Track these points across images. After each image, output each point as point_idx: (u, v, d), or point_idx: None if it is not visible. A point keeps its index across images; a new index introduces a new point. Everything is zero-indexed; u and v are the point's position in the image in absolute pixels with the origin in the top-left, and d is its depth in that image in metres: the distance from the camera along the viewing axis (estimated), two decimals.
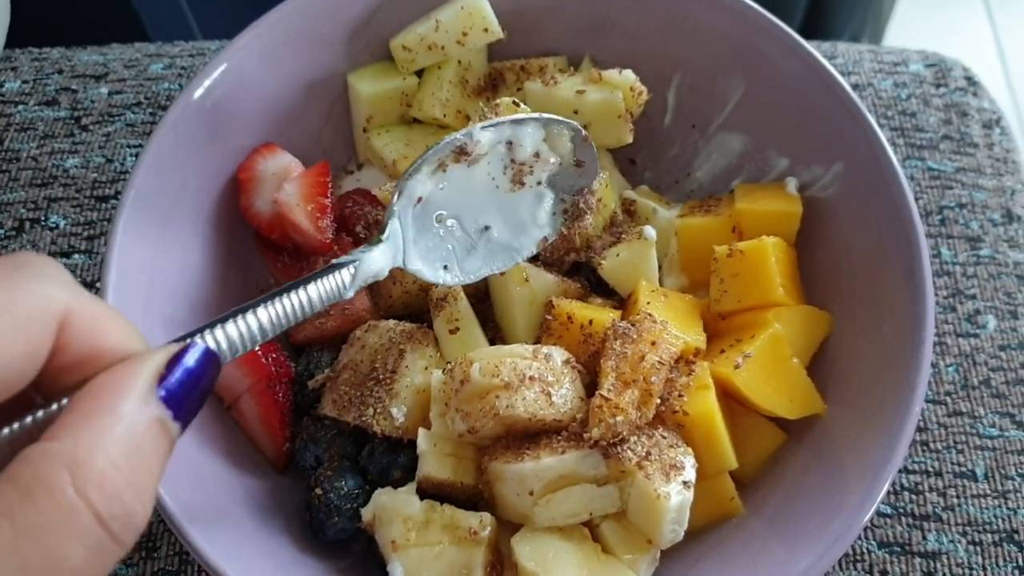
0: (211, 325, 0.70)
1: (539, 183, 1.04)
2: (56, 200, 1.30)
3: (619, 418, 0.94)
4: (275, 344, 1.07)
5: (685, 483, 0.94)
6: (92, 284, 1.25)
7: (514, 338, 1.08)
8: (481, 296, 1.12)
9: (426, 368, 1.04)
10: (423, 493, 0.99)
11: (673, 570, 1.01)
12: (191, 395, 0.64)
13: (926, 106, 1.43)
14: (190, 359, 0.64)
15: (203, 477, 0.99)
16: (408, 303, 1.11)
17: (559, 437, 0.97)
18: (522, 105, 1.10)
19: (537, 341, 1.07)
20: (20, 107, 1.37)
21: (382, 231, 0.93)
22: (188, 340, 0.67)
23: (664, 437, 0.97)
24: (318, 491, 1.01)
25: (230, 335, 0.71)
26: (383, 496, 0.98)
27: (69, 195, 1.31)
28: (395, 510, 0.97)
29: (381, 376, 1.02)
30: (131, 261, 1.00)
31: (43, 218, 1.29)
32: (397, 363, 1.02)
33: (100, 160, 1.33)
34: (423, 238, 0.97)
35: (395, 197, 0.95)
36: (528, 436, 0.99)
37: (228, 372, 1.04)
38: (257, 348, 0.87)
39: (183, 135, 1.06)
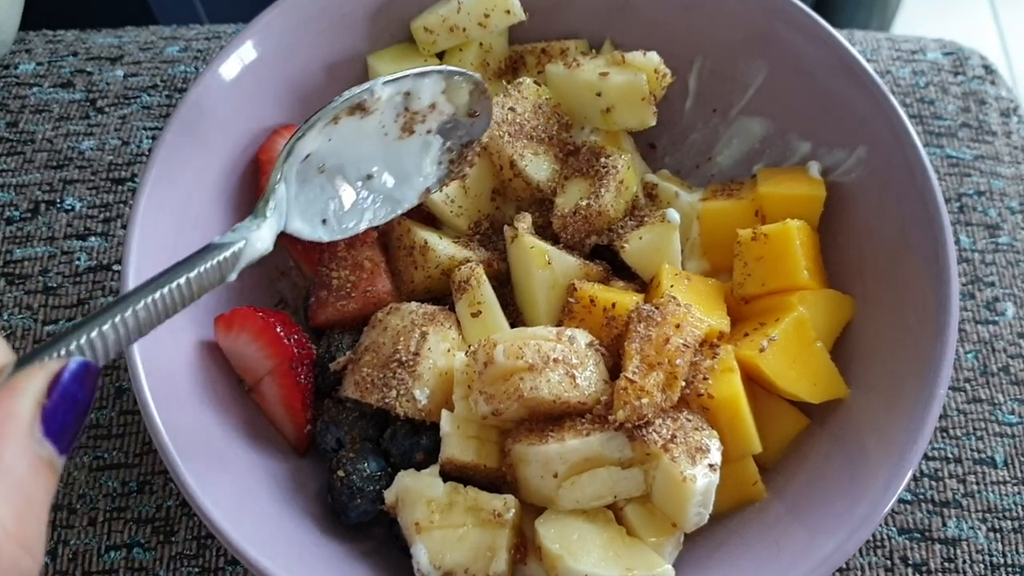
0: (83, 326, 0.65)
1: (428, 131, 1.00)
2: (72, 182, 1.30)
3: (644, 400, 0.94)
4: (297, 326, 1.06)
5: (711, 466, 0.94)
6: (108, 266, 1.24)
7: (535, 321, 1.08)
8: (503, 279, 1.12)
9: (449, 350, 1.03)
10: (446, 475, 0.99)
11: (695, 553, 1.00)
12: (74, 421, 0.59)
13: (944, 94, 1.43)
14: (69, 379, 0.59)
15: (225, 459, 0.98)
16: (430, 287, 1.10)
17: (583, 419, 0.97)
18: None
19: (558, 324, 1.07)
20: (35, 89, 1.37)
21: (266, 201, 0.89)
22: (61, 352, 0.62)
23: (689, 420, 0.97)
24: (340, 473, 1.00)
25: (107, 338, 0.66)
26: (406, 478, 0.98)
27: (85, 177, 1.30)
28: (418, 492, 0.97)
29: (404, 358, 1.01)
30: (152, 242, 1.00)
31: (59, 200, 1.28)
32: (420, 345, 1.02)
33: (116, 142, 1.33)
34: (303, 192, 0.92)
35: (282, 159, 0.90)
36: (552, 418, 0.98)
37: (250, 354, 1.03)
38: (275, 327, 0.84)
39: (205, 113, 1.06)
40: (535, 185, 1.12)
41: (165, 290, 0.74)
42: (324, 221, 0.95)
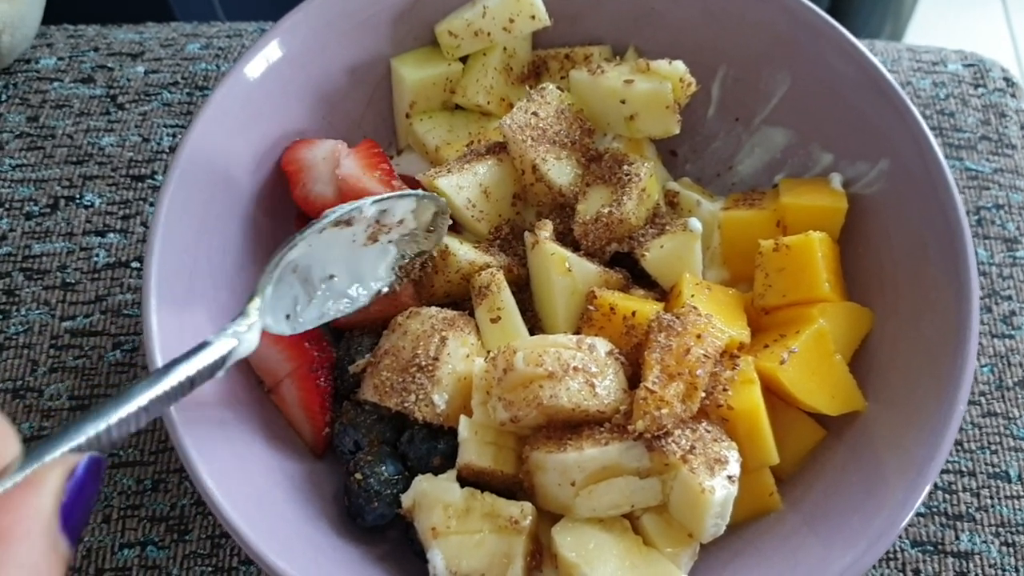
0: (91, 421, 0.70)
1: (389, 241, 1.06)
2: (91, 178, 1.30)
3: (664, 411, 0.94)
4: (317, 329, 1.06)
5: (729, 477, 0.94)
6: (127, 263, 1.24)
7: (554, 328, 1.08)
8: (522, 285, 1.12)
9: (468, 356, 1.03)
10: (463, 481, 0.99)
11: (710, 563, 1.00)
12: (85, 515, 0.62)
13: (964, 106, 1.43)
14: (84, 475, 0.62)
15: (243, 460, 0.99)
16: (450, 292, 1.10)
17: (602, 428, 0.97)
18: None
19: (577, 331, 1.07)
20: (56, 84, 1.37)
21: (255, 304, 0.93)
22: (72, 447, 0.66)
23: (708, 431, 0.97)
24: (358, 476, 1.00)
25: (112, 434, 0.72)
26: (424, 483, 0.98)
27: (105, 173, 1.30)
28: (435, 497, 0.97)
29: (423, 363, 1.01)
30: (175, 241, 1.00)
31: (78, 196, 1.28)
32: (439, 350, 1.02)
33: (136, 139, 1.33)
34: (276, 290, 0.97)
35: (273, 266, 0.95)
36: (570, 426, 0.98)
37: (270, 356, 1.04)
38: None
39: (229, 112, 1.06)
40: (557, 189, 1.12)
41: (167, 388, 0.80)
42: (288, 316, 0.99)
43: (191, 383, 0.83)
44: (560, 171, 1.12)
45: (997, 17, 3.44)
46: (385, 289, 1.08)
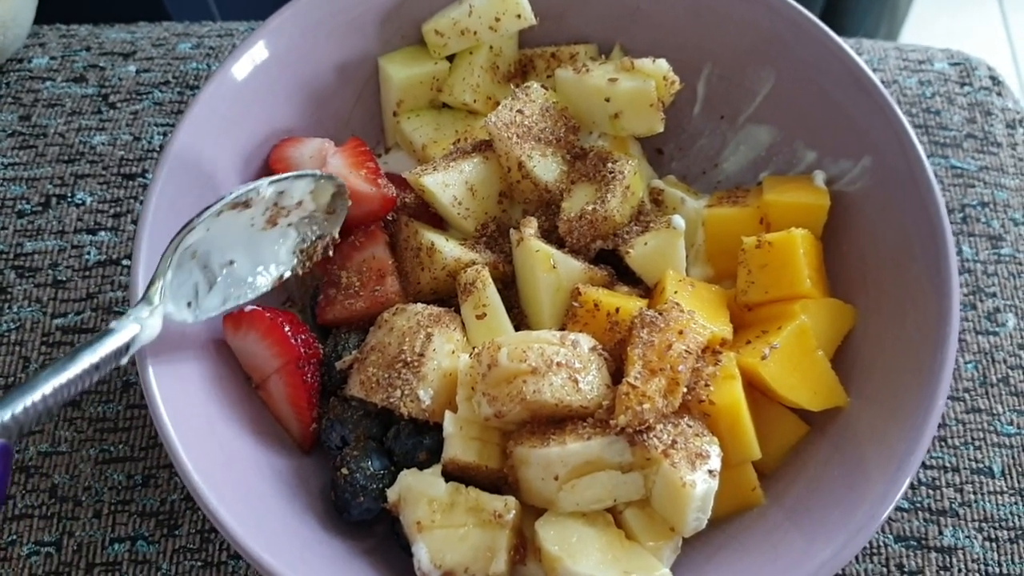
0: None
1: (289, 224, 1.07)
2: (83, 177, 1.31)
3: (646, 406, 0.94)
4: (304, 325, 1.07)
5: (710, 472, 0.95)
6: (118, 261, 1.25)
7: (539, 324, 1.09)
8: (508, 281, 1.13)
9: (453, 352, 1.04)
10: (448, 476, 1.00)
11: (694, 557, 1.01)
12: None
13: (950, 104, 1.43)
14: None
15: (230, 455, 1.00)
16: (436, 288, 1.11)
17: (585, 423, 0.98)
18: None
19: (562, 328, 1.08)
20: (48, 83, 1.38)
21: (156, 288, 0.94)
22: None
23: (690, 426, 0.98)
24: (344, 471, 1.01)
25: (19, 421, 0.74)
26: (409, 477, 0.99)
27: (96, 172, 1.31)
28: (420, 491, 0.98)
29: (409, 359, 1.02)
30: (163, 239, 1.00)
31: (70, 194, 1.29)
32: (425, 346, 1.03)
33: (128, 138, 1.34)
34: (176, 276, 0.97)
35: (172, 250, 0.95)
36: (554, 421, 0.99)
37: (258, 352, 1.04)
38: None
39: (217, 112, 1.07)
40: (543, 186, 1.12)
41: (71, 375, 0.83)
42: (189, 304, 1.00)
43: (96, 369, 0.85)
44: (545, 168, 1.13)
45: (993, 17, 3.44)
46: (287, 273, 1.08)
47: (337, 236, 1.10)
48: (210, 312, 1.02)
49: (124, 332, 0.89)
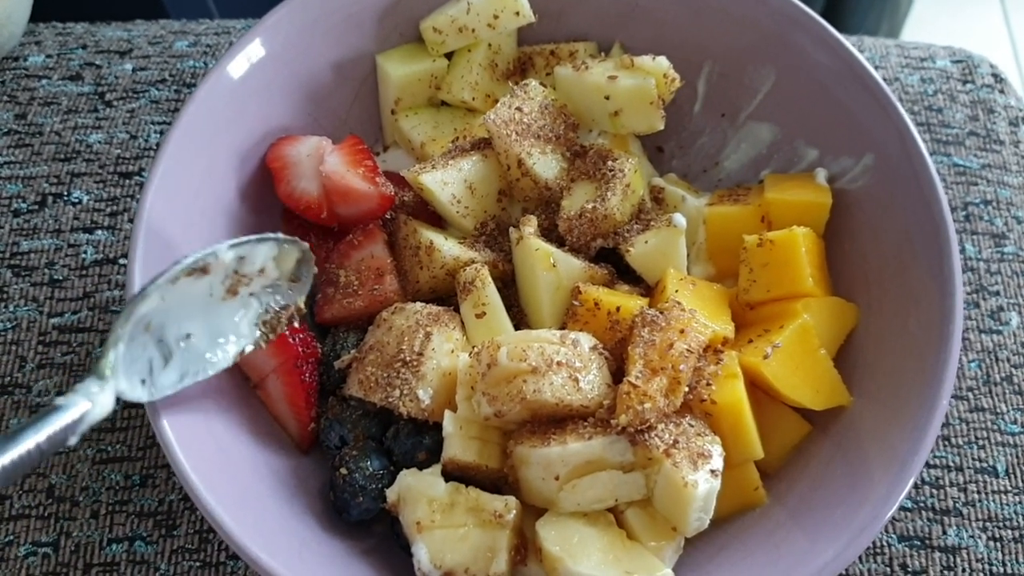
0: None
1: (251, 294, 1.00)
2: (79, 175, 1.30)
3: (647, 405, 0.94)
4: (303, 324, 1.07)
5: (712, 471, 0.94)
6: (115, 260, 1.24)
7: (539, 323, 1.08)
8: (508, 280, 1.12)
9: (452, 351, 1.04)
10: (448, 475, 0.99)
11: (696, 557, 1.01)
12: None
13: (952, 102, 1.43)
14: None
15: (229, 456, 0.99)
16: (435, 287, 1.11)
17: (586, 423, 0.97)
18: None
19: (562, 327, 1.07)
20: (44, 81, 1.37)
21: (107, 362, 0.88)
22: None
23: (692, 425, 0.97)
24: (343, 471, 1.01)
25: None
26: (408, 477, 0.99)
27: (92, 170, 1.30)
28: (420, 491, 0.97)
29: (408, 358, 1.02)
30: (159, 237, 1.00)
31: (66, 193, 1.29)
32: (424, 345, 1.02)
33: (124, 136, 1.33)
34: (129, 350, 0.91)
35: (124, 319, 0.90)
36: (554, 421, 0.99)
37: (255, 353, 1.03)
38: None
39: (213, 110, 1.06)
40: (543, 183, 1.12)
41: (15, 456, 0.77)
42: (143, 381, 0.93)
43: (40, 451, 0.79)
44: (545, 165, 1.12)
45: (994, 14, 3.44)
46: (249, 348, 1.01)
47: (303, 307, 1.04)
48: (165, 390, 0.94)
49: (73, 410, 0.83)
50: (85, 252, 1.25)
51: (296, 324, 1.04)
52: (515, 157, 1.10)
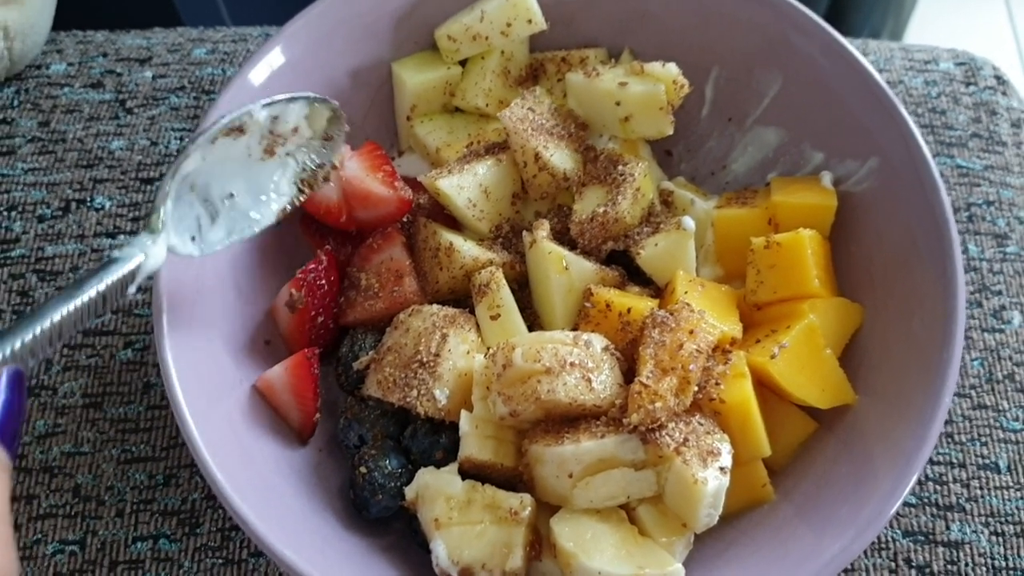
0: (6, 336, 0.73)
1: (287, 154, 1.06)
2: (102, 181, 1.33)
3: (658, 404, 0.96)
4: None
5: (722, 469, 0.96)
6: None
7: (552, 324, 1.11)
8: (523, 282, 1.15)
9: (468, 352, 1.06)
10: (464, 474, 1.02)
11: (705, 553, 1.03)
12: (16, 424, 0.64)
13: (956, 104, 1.45)
14: (7, 385, 0.65)
15: (251, 454, 1.02)
16: (454, 288, 1.13)
17: (598, 422, 1.00)
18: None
19: (575, 328, 1.10)
20: (66, 89, 1.40)
21: (158, 216, 0.94)
22: None
23: (701, 424, 1.00)
24: (362, 470, 1.03)
25: (28, 348, 0.74)
26: (426, 475, 1.01)
27: (115, 176, 1.33)
28: (438, 489, 1.00)
29: (425, 359, 1.04)
30: None
31: (89, 199, 1.31)
32: (440, 346, 1.05)
33: (145, 143, 1.36)
34: (177, 209, 0.97)
35: (171, 175, 0.96)
36: (568, 420, 1.01)
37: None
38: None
39: None
40: (561, 175, 1.15)
41: (79, 302, 0.82)
42: (193, 238, 0.99)
43: (103, 299, 0.85)
44: (562, 158, 1.15)
45: (999, 13, 3.45)
46: (288, 206, 1.07)
47: (337, 163, 1.09)
48: (215, 245, 1.01)
49: (130, 261, 0.89)
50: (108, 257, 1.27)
51: (331, 183, 1.10)
52: (532, 152, 1.13)
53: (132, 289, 0.89)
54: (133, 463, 1.16)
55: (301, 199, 1.08)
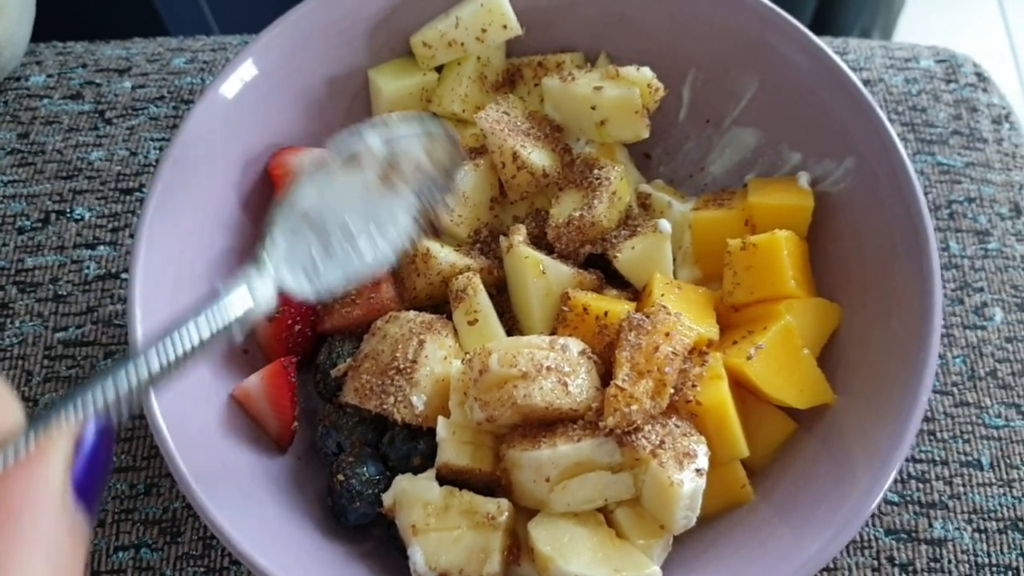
0: (95, 385, 0.63)
1: (406, 186, 1.00)
2: (81, 192, 1.33)
3: (634, 407, 0.96)
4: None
5: (698, 471, 0.96)
6: (117, 275, 1.27)
7: (531, 329, 1.11)
8: (502, 286, 1.15)
9: (445, 358, 1.06)
10: (442, 479, 1.02)
11: (684, 555, 1.03)
12: (98, 485, 0.58)
13: (936, 101, 1.45)
14: (93, 442, 0.58)
15: (228, 463, 1.02)
16: (431, 294, 1.13)
17: (575, 425, 1.00)
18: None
19: (553, 332, 1.10)
20: (45, 100, 1.40)
21: (263, 250, 0.87)
22: (79, 414, 0.59)
23: (677, 426, 1.00)
24: (340, 477, 1.03)
25: (121, 399, 0.64)
26: (403, 482, 1.01)
27: (94, 187, 1.33)
28: (415, 496, 1.00)
29: (402, 365, 1.04)
30: (158, 253, 1.03)
31: (68, 210, 1.31)
32: (417, 353, 1.05)
33: (124, 153, 1.36)
34: (287, 241, 0.91)
35: (280, 209, 0.90)
36: (545, 424, 1.01)
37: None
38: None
39: (211, 126, 1.09)
40: (540, 172, 1.15)
41: (172, 356, 0.72)
42: (305, 273, 0.92)
43: (200, 344, 0.74)
44: (540, 156, 1.15)
45: (991, 11, 3.45)
46: (407, 244, 1.00)
47: (454, 198, 1.03)
48: (332, 286, 0.93)
49: (234, 305, 0.78)
50: (88, 268, 1.28)
51: (448, 216, 1.06)
52: (510, 151, 1.13)
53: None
54: (114, 473, 1.16)
55: (417, 238, 1.02)
